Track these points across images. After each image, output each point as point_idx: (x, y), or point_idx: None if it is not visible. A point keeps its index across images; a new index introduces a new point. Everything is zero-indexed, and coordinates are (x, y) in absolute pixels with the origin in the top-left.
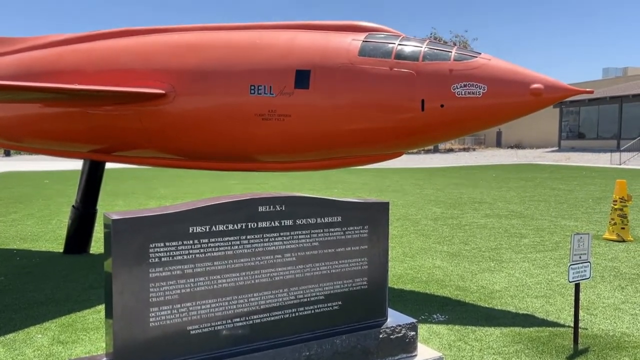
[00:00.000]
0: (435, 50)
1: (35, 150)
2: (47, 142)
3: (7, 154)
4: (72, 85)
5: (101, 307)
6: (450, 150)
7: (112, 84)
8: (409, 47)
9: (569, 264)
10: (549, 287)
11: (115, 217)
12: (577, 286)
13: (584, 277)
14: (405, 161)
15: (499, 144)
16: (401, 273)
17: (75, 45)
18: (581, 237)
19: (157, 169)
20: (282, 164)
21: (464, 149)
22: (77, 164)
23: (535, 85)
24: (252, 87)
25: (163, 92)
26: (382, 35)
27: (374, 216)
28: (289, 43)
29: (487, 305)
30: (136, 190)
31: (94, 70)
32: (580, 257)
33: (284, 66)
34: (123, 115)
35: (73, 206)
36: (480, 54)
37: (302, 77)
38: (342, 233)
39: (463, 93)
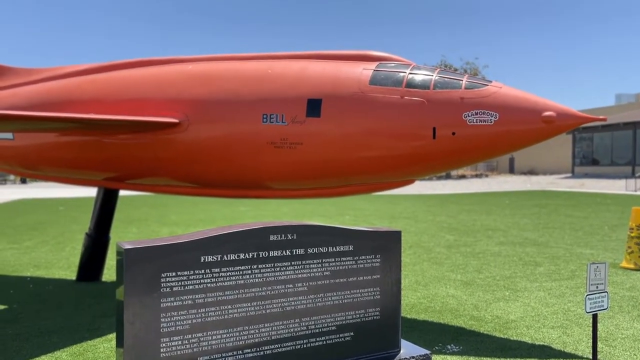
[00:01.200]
0: (446, 79)
1: (50, 178)
2: (63, 170)
3: (23, 181)
4: (88, 115)
5: (112, 336)
6: (463, 177)
7: (128, 113)
8: (420, 76)
9: (585, 295)
10: (566, 317)
11: (127, 246)
12: (594, 317)
13: (601, 308)
14: (417, 188)
15: (511, 170)
16: (414, 302)
17: (93, 75)
18: (598, 267)
19: (169, 196)
20: (294, 191)
21: (477, 175)
22: (90, 191)
23: (547, 113)
24: (265, 116)
25: (177, 121)
26: (393, 64)
27: (386, 245)
28: (301, 73)
29: (502, 336)
30: (149, 217)
31: (111, 100)
32: (597, 287)
33: (295, 95)
34: (138, 144)
35: (86, 233)
36: (491, 82)
37: (314, 106)
38: (354, 262)
39: (475, 121)
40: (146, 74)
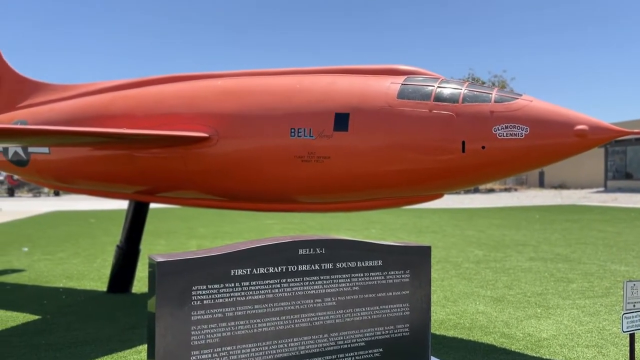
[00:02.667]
0: (475, 92)
1: (83, 191)
2: (96, 183)
3: (57, 193)
4: (121, 130)
5: (142, 348)
6: (491, 191)
7: (159, 127)
8: (449, 89)
9: (622, 313)
10: (601, 336)
11: (159, 259)
12: (631, 336)
13: (639, 327)
14: (445, 202)
15: (541, 184)
16: (443, 318)
17: (125, 91)
18: (634, 285)
19: (196, 209)
20: (321, 205)
21: (505, 189)
22: (121, 204)
23: (579, 127)
24: (293, 130)
25: (206, 135)
26: (421, 78)
27: (415, 260)
28: (329, 87)
29: (534, 355)
30: (177, 230)
31: (143, 115)
32: (634, 306)
33: (323, 109)
34: (168, 158)
35: (117, 246)
36: (521, 95)
37: (341, 120)
38: (382, 277)
39: (505, 135)
40: (177, 89)
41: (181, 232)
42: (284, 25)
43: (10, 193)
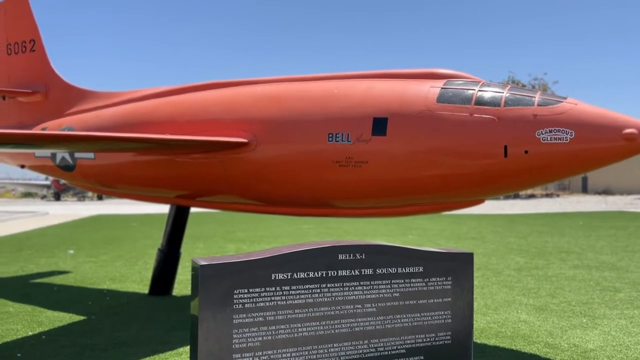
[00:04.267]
0: (517, 96)
1: (126, 195)
2: (138, 188)
3: (100, 197)
4: (163, 136)
5: (182, 350)
6: (532, 196)
7: (200, 133)
8: (490, 93)
9: None
10: None
11: (202, 262)
12: None
13: None
14: (484, 207)
15: (584, 190)
16: (484, 326)
17: (168, 98)
18: None
19: (234, 213)
20: (359, 210)
21: (547, 195)
22: (160, 208)
23: (628, 130)
24: (330, 135)
25: (246, 140)
26: (461, 82)
27: (457, 267)
28: (367, 92)
29: None
30: (215, 234)
31: (184, 121)
32: None
33: (361, 114)
34: (208, 163)
35: (159, 249)
36: (566, 98)
37: (380, 125)
38: (424, 284)
39: (549, 139)
40: (217, 96)
41: (219, 236)
42: (324, 28)
43: (57, 197)
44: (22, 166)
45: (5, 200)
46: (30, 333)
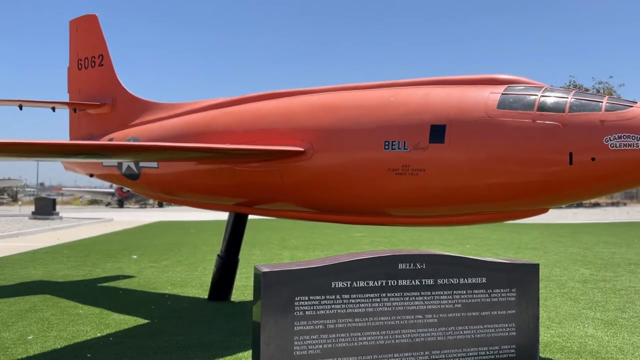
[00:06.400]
0: (583, 101)
1: (187, 202)
2: (199, 196)
3: (160, 205)
4: (223, 145)
5: (242, 355)
6: (597, 205)
7: (258, 142)
8: (553, 98)
9: None
10: None
11: (265, 269)
12: None
13: None
14: (545, 216)
15: None
16: (548, 340)
17: (226, 108)
18: None
19: (288, 220)
20: (415, 218)
21: (613, 204)
22: (217, 215)
23: None
24: (387, 143)
25: (302, 149)
26: (523, 87)
27: (522, 278)
28: (424, 99)
29: None
30: (271, 241)
31: (242, 131)
32: None
33: (418, 122)
34: (266, 172)
35: (218, 255)
36: (636, 102)
37: (437, 132)
38: (487, 295)
39: (617, 145)
40: (274, 106)
41: (274, 243)
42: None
43: (120, 204)
44: (91, 175)
45: (74, 207)
46: (98, 334)
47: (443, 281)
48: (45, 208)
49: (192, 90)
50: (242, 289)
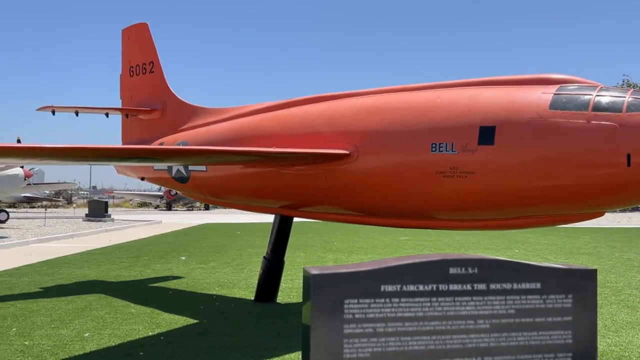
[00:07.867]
0: None
1: (233, 205)
2: (245, 198)
3: (207, 207)
4: (270, 149)
5: (288, 356)
6: None
7: (303, 146)
8: (609, 98)
9: None
10: None
11: (314, 272)
12: None
13: None
14: (597, 220)
15: None
16: (604, 349)
17: (272, 113)
18: None
19: (331, 223)
20: (462, 222)
21: None
22: (262, 217)
23: None
24: (434, 145)
25: (347, 152)
26: (576, 87)
27: (579, 284)
28: (472, 100)
29: None
30: (314, 243)
31: (288, 134)
32: None
33: (466, 123)
34: (311, 174)
35: (264, 257)
36: None
37: (487, 134)
38: (541, 301)
39: None
40: (319, 109)
41: (318, 246)
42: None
43: (168, 207)
44: (142, 178)
45: (124, 209)
46: (150, 333)
47: (496, 286)
48: (98, 210)
49: (227, 95)
50: (288, 291)
